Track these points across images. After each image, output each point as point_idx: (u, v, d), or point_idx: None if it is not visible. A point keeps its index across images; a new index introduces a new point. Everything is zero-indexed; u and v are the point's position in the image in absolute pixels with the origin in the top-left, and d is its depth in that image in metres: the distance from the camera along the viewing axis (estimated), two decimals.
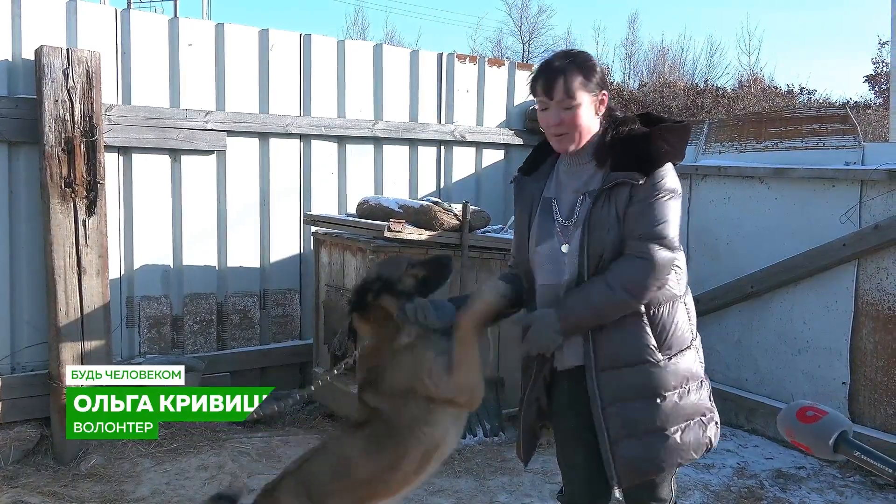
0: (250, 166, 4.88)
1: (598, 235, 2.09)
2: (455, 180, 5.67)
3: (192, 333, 4.74)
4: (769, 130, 4.75)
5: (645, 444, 2.10)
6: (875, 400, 4.10)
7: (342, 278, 4.50)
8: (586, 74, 2.12)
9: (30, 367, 4.16)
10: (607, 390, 2.11)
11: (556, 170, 2.27)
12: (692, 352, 2.18)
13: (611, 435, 2.11)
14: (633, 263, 2.05)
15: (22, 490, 3.65)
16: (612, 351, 2.11)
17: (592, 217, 2.09)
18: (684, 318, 2.16)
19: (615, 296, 2.04)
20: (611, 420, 2.10)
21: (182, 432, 4.29)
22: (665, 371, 2.10)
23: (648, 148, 2.09)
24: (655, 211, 2.05)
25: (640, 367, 2.10)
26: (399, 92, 5.39)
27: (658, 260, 2.04)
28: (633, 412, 2.10)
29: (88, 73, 4.00)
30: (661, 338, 2.11)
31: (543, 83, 2.14)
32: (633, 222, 2.06)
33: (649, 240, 2.04)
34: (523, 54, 29.38)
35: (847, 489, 3.84)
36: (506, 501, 3.64)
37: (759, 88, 13.31)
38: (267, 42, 4.86)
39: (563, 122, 2.13)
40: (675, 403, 2.11)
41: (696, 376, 2.18)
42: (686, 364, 2.14)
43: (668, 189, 2.07)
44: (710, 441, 2.17)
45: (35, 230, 4.09)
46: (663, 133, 2.12)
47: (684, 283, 2.19)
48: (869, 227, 4.06)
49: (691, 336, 2.18)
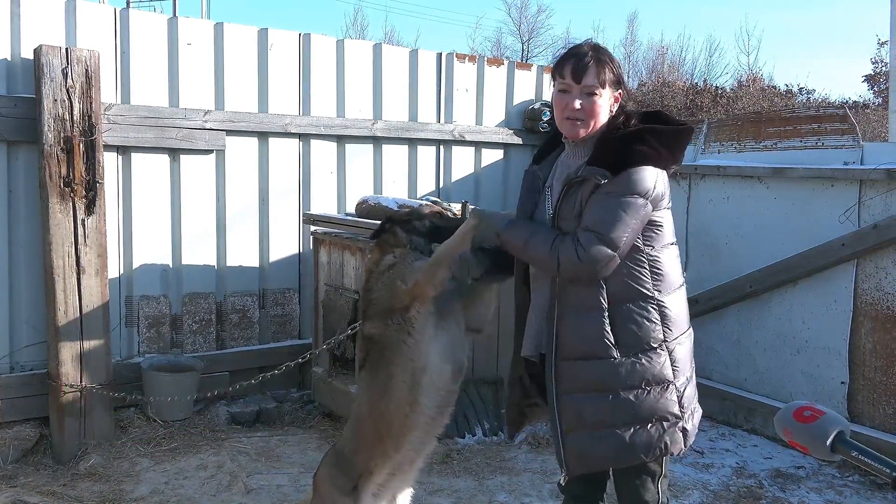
0: (249, 166, 4.88)
1: (564, 225, 2.13)
2: (454, 180, 5.68)
3: (191, 333, 4.73)
4: (768, 130, 4.75)
5: (592, 438, 2.12)
6: (874, 399, 4.11)
7: (341, 278, 4.50)
8: (611, 69, 2.16)
9: (28, 367, 4.16)
10: (563, 380, 2.13)
11: (561, 160, 2.30)
12: (661, 355, 2.11)
13: (562, 424, 2.14)
14: (572, 246, 2.05)
15: (21, 489, 3.64)
16: (572, 341, 2.12)
17: (562, 208, 2.14)
18: (654, 319, 2.11)
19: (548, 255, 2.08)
20: (563, 410, 2.13)
21: (181, 432, 4.29)
22: (621, 368, 2.08)
23: (626, 148, 2.09)
24: (607, 206, 2.05)
25: (596, 362, 2.10)
26: (398, 91, 5.39)
27: (590, 254, 2.02)
28: (584, 405, 2.11)
29: (87, 72, 3.99)
30: (620, 335, 2.09)
31: (574, 67, 2.14)
32: (587, 213, 2.09)
33: (590, 232, 2.04)
34: (522, 54, 29.36)
35: (846, 489, 3.84)
36: (505, 501, 3.64)
37: (758, 88, 13.30)
38: (266, 41, 4.86)
39: (583, 108, 2.14)
40: (630, 402, 2.08)
41: (662, 380, 2.11)
42: (649, 366, 2.10)
43: (634, 191, 2.05)
44: (664, 447, 2.11)
45: (34, 229, 4.09)
46: (646, 135, 2.11)
47: (666, 285, 2.14)
48: (868, 227, 4.06)
49: (662, 339, 2.12)
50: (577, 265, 2.04)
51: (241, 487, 3.71)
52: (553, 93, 2.23)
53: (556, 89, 2.20)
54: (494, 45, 30.68)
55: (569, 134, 2.20)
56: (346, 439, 2.48)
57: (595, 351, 2.10)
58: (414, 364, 2.26)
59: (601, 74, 2.13)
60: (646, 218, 2.08)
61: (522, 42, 30.57)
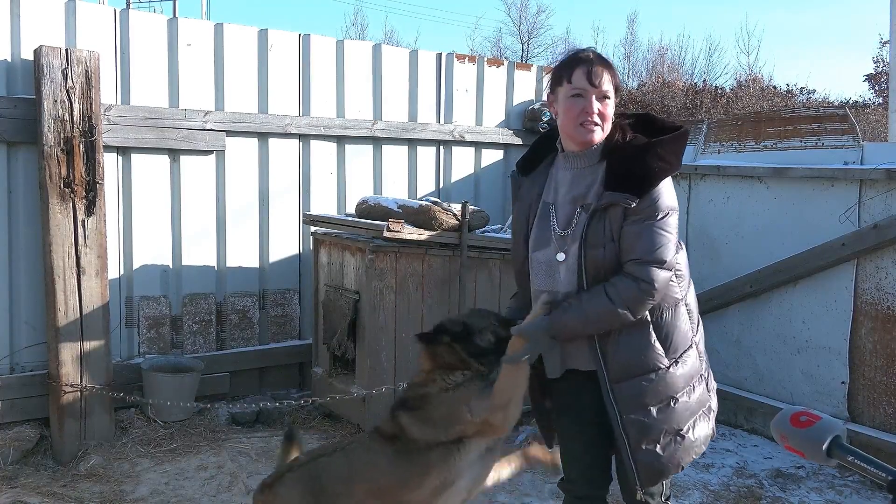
0: (249, 166, 4.88)
1: (595, 253, 2.10)
2: (454, 180, 5.68)
3: (191, 333, 4.73)
4: (768, 130, 4.75)
5: (664, 447, 2.14)
6: (874, 399, 4.10)
7: (341, 278, 4.50)
8: (616, 75, 2.18)
9: (29, 368, 4.16)
10: (622, 400, 2.13)
11: (555, 170, 2.24)
12: (693, 349, 2.21)
13: (631, 443, 2.14)
14: (633, 284, 2.05)
15: (21, 490, 3.65)
16: (623, 361, 2.12)
17: (589, 234, 2.10)
18: (685, 319, 2.19)
19: (615, 310, 2.05)
20: (629, 428, 2.13)
21: (181, 432, 4.29)
22: (674, 375, 2.14)
23: (644, 166, 2.07)
24: (652, 234, 2.06)
25: (651, 376, 2.13)
26: (398, 92, 5.39)
27: (658, 283, 2.06)
28: (649, 419, 2.13)
29: (87, 73, 4.00)
30: (665, 343, 2.15)
31: (588, 71, 2.11)
32: (630, 243, 2.07)
33: (648, 264, 2.05)
34: (522, 54, 29.38)
35: (846, 488, 3.84)
36: (505, 501, 3.64)
37: (758, 88, 13.30)
38: (266, 42, 4.86)
39: (601, 112, 2.13)
40: (686, 404, 2.16)
41: (698, 372, 2.22)
42: (690, 363, 2.18)
43: (665, 208, 2.08)
44: (713, 431, 2.25)
45: (34, 230, 4.09)
46: (658, 149, 2.09)
47: (685, 283, 2.21)
48: (868, 227, 4.05)
49: (692, 334, 2.21)
50: (647, 299, 2.07)
51: (241, 488, 3.72)
52: (560, 99, 2.17)
53: (567, 95, 2.13)
54: (494, 45, 30.71)
55: (584, 139, 2.15)
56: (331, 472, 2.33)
57: (648, 365, 2.12)
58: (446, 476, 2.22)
59: (615, 78, 2.16)
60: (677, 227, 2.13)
61: (522, 42, 30.59)
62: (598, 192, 2.12)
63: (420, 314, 4.32)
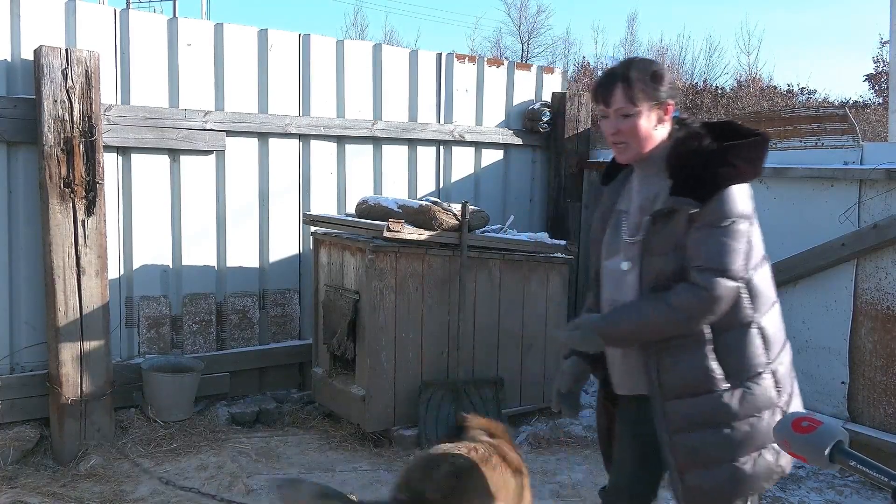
0: (249, 166, 4.88)
1: (656, 260, 2.04)
2: (454, 180, 5.68)
3: (191, 333, 4.73)
4: (768, 130, 4.71)
5: (713, 474, 2.03)
6: (874, 399, 4.11)
7: (341, 278, 4.50)
8: (647, 82, 2.05)
9: (29, 368, 4.16)
10: (674, 419, 2.04)
11: (632, 181, 2.21)
12: (766, 378, 2.06)
13: (678, 463, 2.05)
14: (695, 292, 1.97)
15: (21, 490, 3.65)
16: (677, 379, 2.04)
17: (651, 242, 2.04)
18: (756, 344, 2.06)
19: (671, 315, 1.98)
20: (678, 449, 2.05)
21: (181, 432, 4.29)
22: (731, 400, 2.02)
23: (711, 170, 1.99)
24: (717, 241, 1.97)
25: (706, 397, 2.02)
26: (398, 92, 5.39)
27: (718, 292, 1.96)
28: (699, 441, 2.03)
29: (87, 73, 4.00)
30: (726, 365, 2.03)
31: (601, 91, 2.08)
32: (694, 250, 1.99)
33: (711, 272, 1.96)
34: (522, 54, 29.38)
35: (846, 488, 3.84)
36: None
37: (758, 88, 13.31)
38: (266, 42, 4.86)
39: (621, 131, 2.07)
40: (746, 433, 2.02)
41: (771, 403, 2.06)
42: (759, 392, 2.04)
43: (733, 215, 1.98)
44: (783, 469, 2.07)
45: (34, 230, 4.09)
46: (729, 154, 2.01)
47: (761, 303, 2.07)
48: (868, 227, 4.06)
49: (766, 361, 2.06)
50: (705, 308, 1.97)
51: (241, 488, 3.72)
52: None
53: (598, 116, 2.15)
54: (494, 45, 30.71)
55: (618, 158, 2.14)
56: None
57: (702, 386, 2.02)
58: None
59: (630, 93, 2.04)
60: (750, 238, 2.01)
61: (522, 42, 30.59)
62: (664, 199, 2.05)
63: (420, 314, 4.32)
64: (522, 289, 4.66)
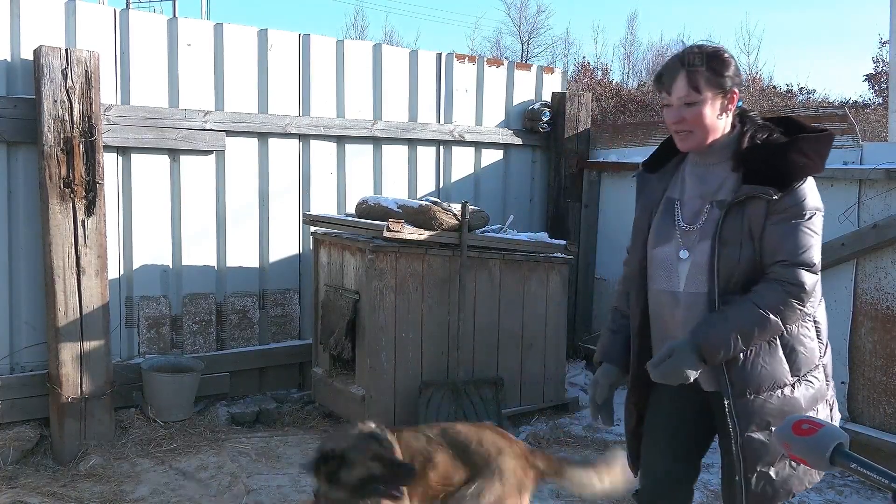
0: (249, 166, 4.88)
1: (729, 251, 1.99)
2: (454, 180, 5.68)
3: (191, 333, 4.73)
4: None
5: (778, 471, 2.04)
6: (874, 399, 4.11)
7: (341, 278, 4.50)
8: (712, 69, 2.02)
9: (29, 368, 4.16)
10: (744, 417, 2.03)
11: (683, 169, 2.19)
12: (820, 371, 2.08)
13: (746, 464, 2.04)
14: (781, 288, 1.96)
15: (21, 490, 3.65)
16: (748, 376, 2.02)
17: (724, 230, 2.00)
18: (813, 336, 2.08)
19: (765, 319, 1.95)
20: (747, 448, 2.03)
21: (181, 432, 4.29)
22: (797, 395, 2.03)
23: (786, 160, 1.97)
24: (800, 234, 1.96)
25: (774, 394, 2.02)
26: (398, 92, 5.39)
27: (808, 286, 1.96)
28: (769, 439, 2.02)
29: (87, 73, 4.00)
30: (791, 359, 2.04)
31: (664, 79, 2.06)
32: (776, 244, 1.97)
33: (796, 266, 1.95)
34: (522, 54, 29.40)
35: (846, 488, 3.84)
36: None
37: (758, 88, 13.31)
38: (266, 42, 4.86)
39: (685, 119, 2.05)
40: None
41: (824, 396, 2.09)
42: (817, 385, 2.06)
43: (811, 208, 1.98)
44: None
45: (34, 230, 4.09)
46: (803, 144, 2.00)
47: (815, 299, 2.08)
48: (867, 227, 4.06)
49: (819, 354, 2.09)
50: (796, 304, 1.97)
51: (241, 488, 3.72)
52: None
53: (662, 104, 2.13)
54: (494, 45, 30.76)
55: (681, 147, 2.12)
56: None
57: (774, 382, 2.02)
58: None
59: (694, 80, 2.01)
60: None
61: (522, 42, 30.63)
62: (732, 188, 2.03)
63: (420, 314, 4.32)
64: (522, 289, 4.66)
